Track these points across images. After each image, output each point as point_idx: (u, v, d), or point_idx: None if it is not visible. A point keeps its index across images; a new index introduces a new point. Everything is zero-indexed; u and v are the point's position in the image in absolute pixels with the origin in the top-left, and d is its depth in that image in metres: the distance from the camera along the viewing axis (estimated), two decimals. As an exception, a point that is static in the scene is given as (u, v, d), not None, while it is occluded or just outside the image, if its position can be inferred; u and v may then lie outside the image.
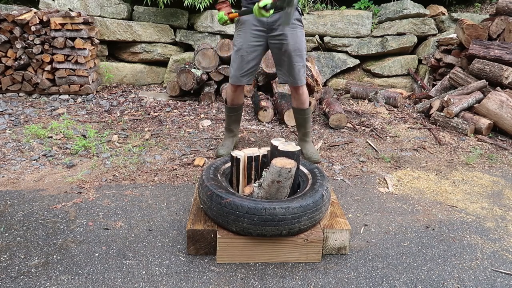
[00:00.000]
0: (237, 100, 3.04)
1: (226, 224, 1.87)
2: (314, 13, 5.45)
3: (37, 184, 2.65)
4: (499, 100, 3.74)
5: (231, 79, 2.92)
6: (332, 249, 2.01)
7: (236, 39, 2.84)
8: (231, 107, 3.07)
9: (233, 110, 3.09)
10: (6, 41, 4.31)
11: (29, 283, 1.74)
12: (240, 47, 2.80)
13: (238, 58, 2.82)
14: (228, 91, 3.03)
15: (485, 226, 2.34)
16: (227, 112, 3.12)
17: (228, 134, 3.18)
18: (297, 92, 2.98)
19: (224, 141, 3.17)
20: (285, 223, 1.81)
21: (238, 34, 2.82)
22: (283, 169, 1.86)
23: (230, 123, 3.15)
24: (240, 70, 2.85)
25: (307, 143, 3.16)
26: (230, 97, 3.03)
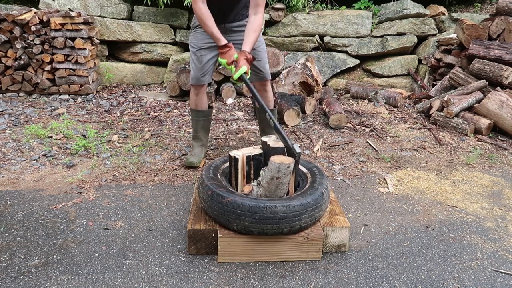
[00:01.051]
0: (201, 103, 2.93)
1: (227, 223, 1.87)
2: (314, 13, 5.45)
3: (37, 184, 2.65)
4: (499, 100, 3.74)
5: (192, 80, 2.85)
6: (332, 247, 2.02)
7: (192, 40, 2.79)
8: (196, 109, 2.96)
9: (200, 114, 2.96)
10: (6, 41, 4.31)
11: (29, 283, 1.74)
12: (198, 47, 2.75)
13: (197, 59, 2.76)
14: (191, 95, 2.95)
15: (485, 226, 2.34)
16: (193, 116, 3.00)
17: (197, 142, 3.03)
18: (265, 88, 2.95)
19: (194, 150, 3.01)
20: (286, 221, 1.82)
21: (195, 35, 2.77)
22: (282, 164, 1.87)
23: (198, 129, 3.00)
24: (200, 71, 2.79)
25: None
26: (194, 100, 2.94)
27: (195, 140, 3.04)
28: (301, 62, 4.54)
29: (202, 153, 3.00)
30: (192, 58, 2.80)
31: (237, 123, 3.94)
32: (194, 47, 2.77)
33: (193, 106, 2.96)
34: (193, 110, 2.97)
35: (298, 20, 5.34)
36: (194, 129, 3.02)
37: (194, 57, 2.78)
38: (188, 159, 2.92)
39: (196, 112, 2.97)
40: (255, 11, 2.60)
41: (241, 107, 4.43)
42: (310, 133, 3.75)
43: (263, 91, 2.96)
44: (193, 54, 2.79)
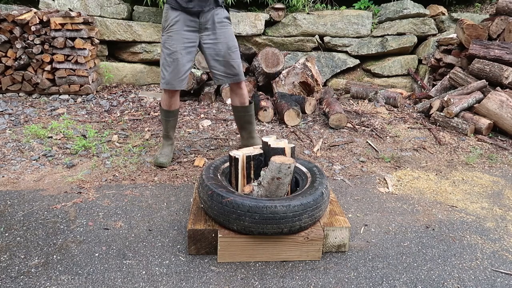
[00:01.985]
0: (174, 105, 2.86)
1: (227, 223, 1.87)
2: (314, 13, 5.45)
3: (37, 184, 2.65)
4: (499, 100, 3.74)
5: (167, 85, 2.71)
6: (332, 247, 2.02)
7: (167, 41, 2.64)
8: (168, 110, 2.87)
9: (171, 114, 2.90)
10: (6, 41, 4.31)
11: (29, 283, 1.74)
12: (174, 49, 2.62)
13: (173, 62, 2.63)
14: (164, 97, 2.84)
15: (485, 226, 2.34)
16: (165, 117, 2.91)
17: (167, 141, 3.00)
18: (239, 88, 2.90)
19: (163, 149, 2.97)
20: (286, 221, 1.82)
21: (169, 36, 2.63)
22: (283, 165, 1.87)
23: (168, 129, 2.95)
24: (176, 75, 2.67)
25: (255, 138, 3.14)
26: (167, 103, 2.84)
27: (165, 139, 3.00)
28: (301, 62, 4.54)
29: (171, 152, 2.97)
30: (167, 61, 2.65)
31: (237, 123, 3.94)
32: (169, 48, 2.63)
33: (166, 107, 2.87)
34: (165, 110, 2.88)
35: (298, 20, 5.34)
36: (165, 129, 2.96)
37: (169, 59, 2.63)
38: (157, 159, 2.88)
39: (168, 113, 2.89)
40: None
41: (241, 107, 4.42)
42: (310, 133, 3.75)
43: (237, 89, 2.91)
44: (167, 56, 2.64)
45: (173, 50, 2.61)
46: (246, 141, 3.14)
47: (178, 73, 2.66)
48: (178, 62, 2.63)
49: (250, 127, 3.10)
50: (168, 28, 2.63)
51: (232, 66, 2.76)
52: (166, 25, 2.64)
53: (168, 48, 2.63)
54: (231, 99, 3.01)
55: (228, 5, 5.28)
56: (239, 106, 2.99)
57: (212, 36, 2.66)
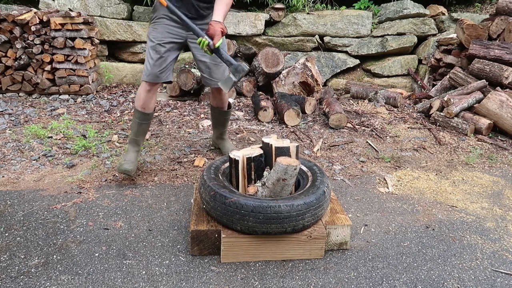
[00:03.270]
0: (148, 104, 2.66)
1: (231, 223, 1.87)
2: (314, 13, 5.45)
3: (37, 184, 2.65)
4: (499, 100, 3.74)
5: (148, 77, 2.59)
6: (334, 245, 2.03)
7: (152, 33, 2.57)
8: (143, 111, 2.67)
9: (146, 116, 2.69)
10: (6, 41, 4.31)
11: (29, 283, 1.74)
12: (158, 42, 2.54)
13: (155, 54, 2.54)
14: (140, 92, 2.66)
15: (485, 226, 2.34)
16: (138, 119, 2.69)
17: (133, 147, 2.74)
18: (219, 93, 2.86)
19: (128, 155, 2.70)
20: (290, 220, 1.83)
21: (155, 28, 2.56)
22: (290, 166, 1.87)
23: (138, 134, 2.73)
24: (158, 67, 2.57)
25: (225, 140, 3.17)
26: (143, 99, 2.65)
27: (131, 145, 2.75)
28: (301, 62, 4.54)
29: (136, 160, 2.73)
30: (150, 53, 2.57)
31: (237, 123, 3.94)
32: (153, 40, 2.55)
33: (139, 107, 2.66)
34: (139, 111, 2.67)
35: (298, 20, 5.34)
36: (134, 133, 2.72)
37: (152, 52, 2.55)
38: (121, 166, 2.61)
39: (142, 115, 2.68)
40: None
41: (241, 107, 4.43)
42: (310, 133, 3.75)
43: (217, 94, 2.86)
44: (151, 48, 2.56)
45: (157, 42, 2.54)
46: (215, 140, 3.21)
47: (160, 65, 2.57)
48: (161, 55, 2.55)
49: (222, 129, 3.12)
50: (155, 20, 2.58)
51: (217, 69, 2.69)
52: (153, 16, 2.59)
53: (152, 40, 2.56)
54: (211, 100, 2.99)
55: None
56: (216, 108, 2.99)
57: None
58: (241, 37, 5.35)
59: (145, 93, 2.64)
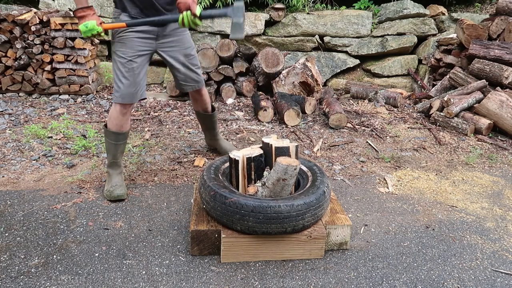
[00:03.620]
0: (125, 125, 2.46)
1: (231, 223, 1.87)
2: (314, 13, 5.45)
3: (37, 184, 2.65)
4: (499, 100, 3.74)
5: (124, 98, 2.35)
6: (334, 245, 2.03)
7: (119, 49, 2.32)
8: (119, 131, 2.45)
9: (122, 136, 2.48)
10: (6, 41, 4.31)
11: (29, 283, 1.74)
12: (129, 57, 2.30)
13: (129, 72, 2.31)
14: (114, 115, 2.41)
15: (485, 226, 2.34)
16: (114, 141, 2.47)
17: (115, 170, 2.55)
18: (201, 94, 2.75)
19: (113, 180, 2.50)
20: (290, 220, 1.83)
21: (122, 42, 2.31)
22: (290, 166, 1.88)
23: (117, 156, 2.53)
24: (134, 86, 2.34)
25: (220, 140, 3.11)
26: (119, 122, 2.42)
27: (113, 168, 2.54)
28: (301, 62, 4.54)
29: (123, 181, 2.55)
30: (120, 71, 2.32)
31: (237, 123, 3.94)
32: (122, 56, 2.30)
33: (116, 128, 2.44)
34: (115, 133, 2.45)
35: (298, 20, 5.34)
36: (113, 155, 2.52)
37: (124, 69, 2.31)
38: (112, 193, 2.43)
39: (118, 135, 2.47)
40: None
41: (241, 107, 4.43)
42: (310, 133, 3.75)
43: (198, 96, 2.75)
44: (121, 65, 2.31)
45: (128, 58, 2.31)
46: (209, 141, 3.15)
47: (135, 84, 2.35)
48: (134, 72, 2.33)
49: (213, 131, 3.05)
50: (120, 33, 2.32)
51: (193, 72, 2.59)
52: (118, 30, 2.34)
53: (121, 56, 2.31)
54: (193, 105, 2.89)
55: (228, 5, 5.28)
56: (201, 113, 2.89)
57: (171, 44, 2.45)
58: (241, 37, 5.34)
59: (121, 116, 2.42)
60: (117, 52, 2.33)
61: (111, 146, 2.49)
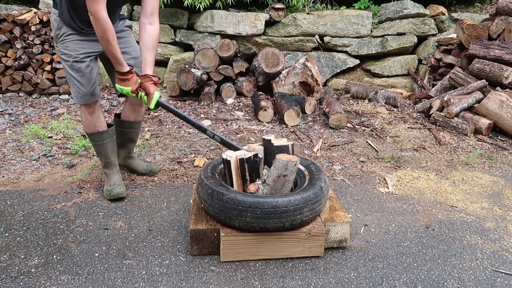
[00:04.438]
0: (100, 123, 2.41)
1: (229, 220, 1.87)
2: (314, 13, 5.45)
3: (37, 184, 2.65)
4: (499, 100, 3.74)
5: (83, 99, 2.29)
6: (334, 242, 2.03)
7: (65, 51, 2.21)
8: (99, 131, 2.42)
9: (103, 135, 2.44)
10: (6, 41, 4.31)
11: (29, 283, 1.74)
12: (73, 59, 2.21)
13: (78, 72, 2.23)
14: (83, 117, 2.40)
15: (485, 226, 2.34)
16: (96, 141, 2.45)
17: (111, 169, 2.50)
18: (142, 104, 2.57)
19: (111, 179, 2.48)
20: (288, 215, 1.83)
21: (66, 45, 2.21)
22: (290, 162, 1.88)
23: (109, 154, 2.48)
24: (89, 84, 2.28)
25: (135, 158, 2.80)
26: (92, 122, 2.39)
27: (108, 168, 2.50)
28: (301, 62, 4.54)
29: (121, 180, 2.53)
30: (72, 74, 2.25)
31: (237, 123, 3.94)
32: (67, 60, 2.23)
33: (91, 130, 2.41)
34: (93, 133, 2.42)
35: (298, 20, 5.34)
36: (104, 155, 2.48)
37: (74, 71, 2.24)
38: (111, 192, 2.41)
39: (99, 135, 2.43)
40: (151, 20, 2.23)
41: (241, 107, 4.43)
42: (310, 133, 3.75)
43: (138, 105, 2.58)
44: (70, 68, 2.24)
45: (72, 60, 2.22)
46: (122, 161, 2.75)
47: (90, 81, 2.28)
48: (86, 71, 2.25)
49: (132, 145, 2.74)
50: (62, 38, 2.22)
51: None
52: (59, 33, 2.22)
53: (66, 60, 2.23)
54: (124, 113, 2.62)
55: (228, 5, 5.28)
56: (131, 122, 2.63)
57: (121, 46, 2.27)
58: (241, 37, 5.35)
59: (90, 116, 2.38)
60: (62, 56, 2.25)
61: (99, 147, 2.47)
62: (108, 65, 2.42)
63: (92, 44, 2.25)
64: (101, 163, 2.52)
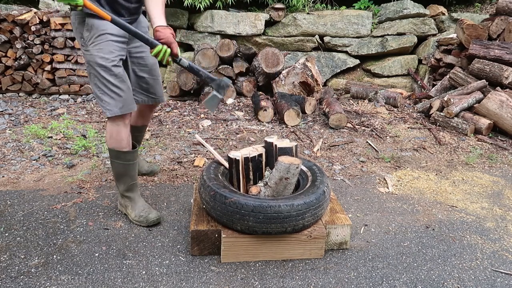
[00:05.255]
0: (129, 139, 2.16)
1: (231, 223, 1.87)
2: (314, 13, 5.45)
3: (37, 184, 2.65)
4: (499, 100, 3.74)
5: (123, 108, 2.05)
6: (334, 244, 2.03)
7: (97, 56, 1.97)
8: (130, 150, 2.16)
9: (131, 155, 2.17)
10: (6, 41, 4.31)
11: (29, 283, 1.74)
12: (111, 64, 2.00)
13: (116, 78, 2.01)
14: (117, 131, 2.09)
15: (485, 226, 2.34)
16: (132, 160, 2.18)
17: (135, 192, 2.26)
18: (151, 111, 2.51)
19: (138, 203, 2.23)
20: (290, 220, 1.83)
21: (99, 48, 1.98)
22: (292, 165, 1.88)
23: (135, 176, 2.23)
24: (128, 91, 2.08)
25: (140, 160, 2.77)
26: (126, 136, 2.12)
27: (133, 191, 2.24)
28: (301, 62, 4.54)
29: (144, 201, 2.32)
30: (110, 80, 2.00)
31: (237, 123, 3.94)
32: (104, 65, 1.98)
33: (124, 146, 2.13)
34: (126, 152, 2.15)
35: (298, 20, 5.34)
36: (131, 177, 2.21)
37: (113, 77, 2.00)
38: (148, 218, 2.17)
39: (131, 154, 2.17)
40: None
41: (241, 107, 4.43)
42: (310, 133, 3.75)
43: (149, 112, 2.49)
44: (108, 74, 1.99)
45: (111, 64, 2.00)
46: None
47: (129, 89, 2.08)
48: (123, 76, 2.05)
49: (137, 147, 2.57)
50: (95, 39, 1.99)
51: (157, 84, 2.33)
52: (90, 35, 1.99)
53: (102, 65, 1.98)
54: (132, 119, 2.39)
55: (228, 5, 5.28)
56: (139, 126, 2.52)
57: (140, 49, 2.20)
58: (241, 37, 5.35)
59: (125, 129, 2.11)
60: (96, 61, 1.98)
61: (126, 168, 2.17)
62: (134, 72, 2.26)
63: (122, 46, 2.08)
64: (123, 186, 2.22)
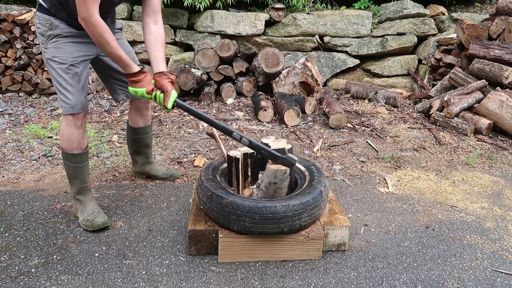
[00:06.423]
0: (84, 141, 2.15)
1: (228, 224, 1.87)
2: (314, 13, 5.45)
3: (37, 184, 2.65)
4: (499, 100, 3.74)
5: (76, 107, 2.05)
6: (332, 246, 2.02)
7: (57, 54, 2.00)
8: (81, 152, 2.15)
9: (85, 156, 2.18)
10: (6, 41, 4.31)
11: (29, 283, 1.75)
12: (70, 62, 2.01)
13: (72, 78, 2.03)
14: (69, 131, 2.09)
15: (485, 226, 2.34)
16: (81, 162, 2.17)
17: (87, 195, 2.23)
18: (147, 108, 2.48)
19: (88, 207, 2.19)
20: (286, 220, 1.82)
21: (59, 47, 2.00)
22: (278, 171, 1.88)
23: (86, 179, 2.22)
24: (82, 92, 2.08)
25: (153, 164, 2.73)
26: (77, 137, 2.11)
27: (84, 194, 2.22)
28: (301, 62, 4.54)
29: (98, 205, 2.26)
30: (64, 78, 2.02)
31: (237, 123, 3.94)
32: (63, 62, 2.00)
33: (74, 148, 2.12)
34: (76, 154, 2.13)
35: (298, 20, 5.34)
36: (81, 180, 2.20)
37: (68, 76, 2.02)
38: (93, 222, 2.12)
39: (80, 156, 2.15)
40: (155, 20, 2.12)
41: (241, 107, 4.43)
42: (310, 133, 3.75)
43: (145, 109, 2.47)
44: (63, 72, 2.01)
45: (69, 63, 2.02)
46: (141, 168, 2.69)
47: (83, 89, 2.08)
48: (80, 77, 2.06)
49: (148, 150, 2.64)
50: (54, 38, 2.01)
51: None
52: (51, 34, 2.00)
53: (60, 62, 2.01)
54: (132, 120, 2.50)
55: (228, 5, 5.28)
56: (142, 128, 2.52)
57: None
58: (241, 37, 5.35)
59: (77, 129, 2.10)
60: (54, 58, 2.01)
61: (75, 170, 2.17)
62: (103, 71, 2.28)
63: (88, 46, 2.07)
64: (74, 188, 2.21)
